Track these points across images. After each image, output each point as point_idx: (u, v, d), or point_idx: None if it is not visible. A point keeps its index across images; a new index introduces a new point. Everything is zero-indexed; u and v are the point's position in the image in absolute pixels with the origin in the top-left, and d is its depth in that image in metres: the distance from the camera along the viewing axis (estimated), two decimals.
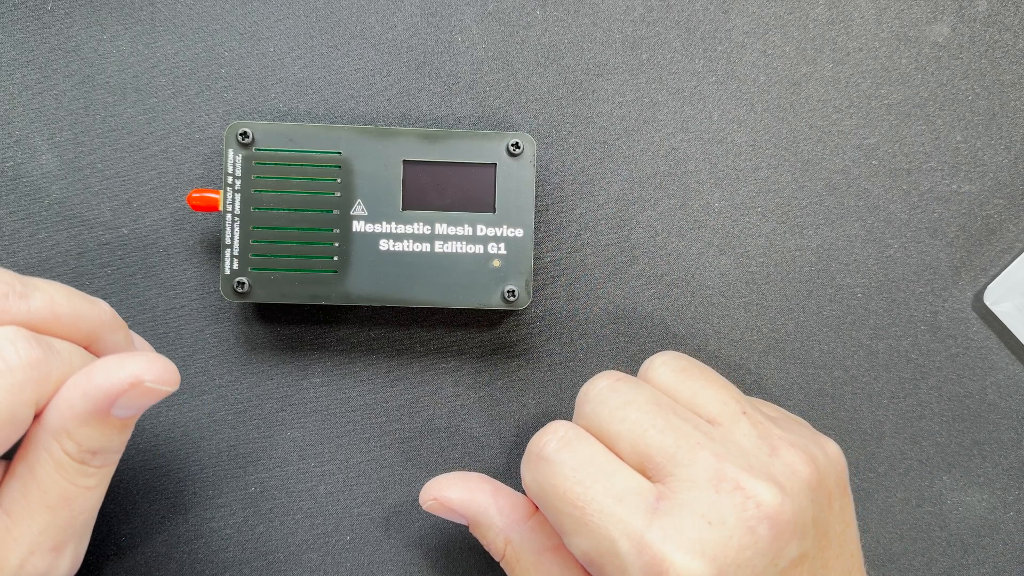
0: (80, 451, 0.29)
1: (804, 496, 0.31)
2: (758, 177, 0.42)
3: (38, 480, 0.29)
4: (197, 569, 0.41)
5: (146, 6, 0.41)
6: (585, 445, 0.32)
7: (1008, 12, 0.42)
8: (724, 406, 0.34)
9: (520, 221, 0.38)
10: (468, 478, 0.38)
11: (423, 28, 0.41)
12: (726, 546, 0.30)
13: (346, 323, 0.41)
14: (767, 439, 0.33)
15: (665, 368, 0.36)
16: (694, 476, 0.31)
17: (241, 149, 0.38)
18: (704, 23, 0.42)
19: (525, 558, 0.36)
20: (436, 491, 0.37)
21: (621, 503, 0.30)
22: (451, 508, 0.37)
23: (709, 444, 0.32)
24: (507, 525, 0.36)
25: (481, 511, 0.37)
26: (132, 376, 0.28)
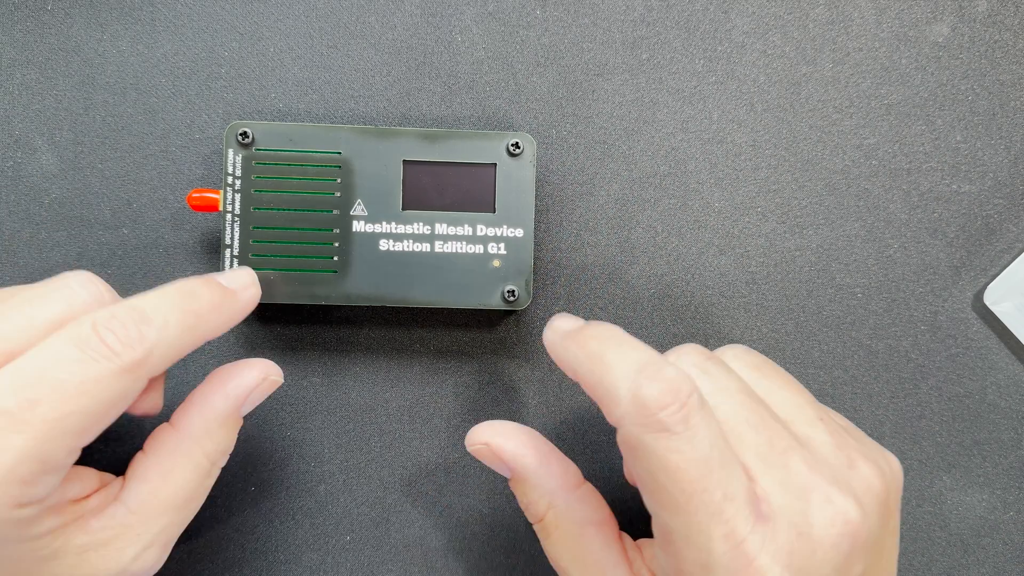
0: (217, 451, 0.34)
1: (876, 514, 0.31)
2: (758, 177, 0.42)
3: (173, 483, 0.33)
4: (197, 569, 0.41)
5: (146, 6, 0.41)
6: (708, 425, 0.29)
7: (1008, 12, 0.42)
8: (800, 410, 0.33)
9: (520, 221, 0.38)
10: (522, 431, 0.36)
11: (423, 28, 0.41)
12: (811, 559, 0.29)
13: (346, 323, 0.41)
14: (844, 450, 0.32)
15: (739, 362, 0.34)
16: (789, 482, 0.30)
17: (241, 149, 0.38)
18: (704, 23, 0.42)
19: (565, 528, 0.34)
20: (490, 436, 0.35)
21: (731, 502, 0.28)
22: (502, 457, 0.35)
23: (799, 449, 0.31)
24: (554, 489, 0.35)
25: (532, 468, 0.35)
26: (261, 374, 0.34)
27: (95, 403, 0.28)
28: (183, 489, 0.33)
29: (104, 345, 0.29)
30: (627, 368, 0.29)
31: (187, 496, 0.33)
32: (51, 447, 0.28)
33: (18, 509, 0.28)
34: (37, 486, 0.28)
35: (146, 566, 0.33)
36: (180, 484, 0.33)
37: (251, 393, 0.34)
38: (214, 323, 0.32)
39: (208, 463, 0.33)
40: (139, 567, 0.32)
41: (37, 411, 0.28)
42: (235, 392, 0.34)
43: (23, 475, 0.28)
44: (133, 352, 0.29)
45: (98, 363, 0.29)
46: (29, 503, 0.28)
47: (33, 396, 0.28)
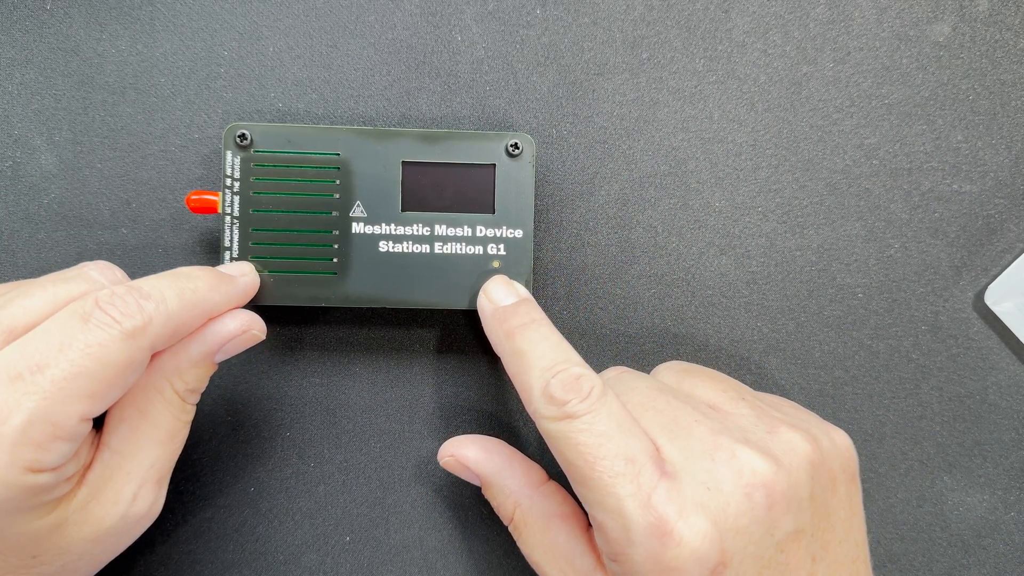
0: (186, 390, 0.34)
1: (801, 471, 0.32)
2: (759, 177, 0.41)
3: (149, 418, 0.34)
4: (197, 569, 0.41)
5: (145, 6, 0.41)
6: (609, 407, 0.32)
7: (1009, 11, 0.42)
8: (723, 393, 0.35)
9: (520, 221, 0.38)
10: (486, 440, 0.39)
11: (423, 28, 0.41)
12: (725, 510, 0.30)
13: (346, 324, 0.41)
14: (765, 420, 0.34)
15: (668, 370, 0.38)
16: (691, 447, 0.32)
17: (239, 151, 0.38)
18: (704, 22, 0.41)
19: (533, 523, 0.36)
20: (455, 448, 0.38)
21: (632, 463, 0.30)
22: (467, 466, 0.38)
23: (706, 421, 0.33)
24: (518, 489, 0.37)
25: (495, 472, 0.38)
26: (243, 326, 0.35)
27: (101, 366, 0.30)
28: (161, 424, 0.34)
29: (106, 315, 0.30)
30: (541, 368, 0.33)
31: (168, 431, 0.34)
32: (61, 409, 0.29)
33: (32, 475, 0.29)
34: (50, 451, 0.29)
35: (145, 506, 0.34)
36: (157, 419, 0.34)
37: (228, 343, 0.35)
38: (212, 300, 0.34)
39: (178, 399, 0.34)
40: (139, 508, 0.33)
41: (46, 373, 0.29)
42: (211, 339, 0.34)
43: (36, 438, 0.29)
44: (133, 320, 0.31)
45: (101, 329, 0.30)
46: (42, 469, 0.29)
47: (42, 360, 0.29)
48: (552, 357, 0.34)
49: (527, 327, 0.35)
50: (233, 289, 0.35)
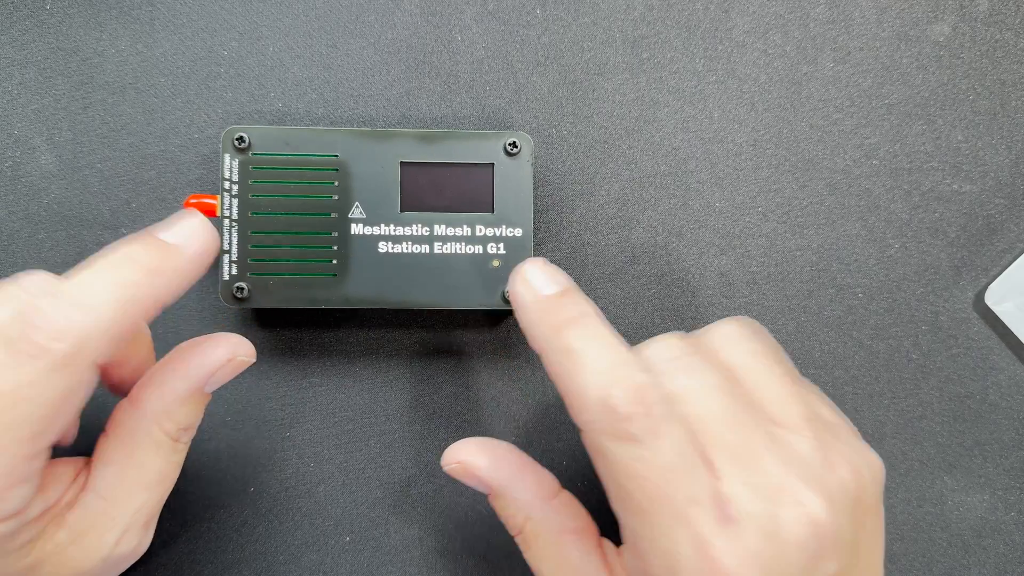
0: (177, 430, 0.32)
1: (847, 512, 0.30)
2: (759, 177, 0.41)
3: (137, 462, 0.32)
4: (197, 569, 0.41)
5: (145, 6, 0.41)
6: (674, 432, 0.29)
7: (1009, 11, 0.42)
8: (787, 408, 0.32)
9: (519, 221, 0.38)
10: (497, 447, 0.35)
11: (423, 28, 0.41)
12: (779, 560, 0.29)
13: (346, 325, 0.41)
14: (825, 450, 0.31)
15: (734, 345, 0.34)
16: (756, 482, 0.29)
17: (238, 154, 0.38)
18: (705, 22, 0.41)
19: (544, 538, 0.34)
20: (464, 455, 0.35)
21: (695, 506, 0.28)
22: (477, 475, 0.35)
23: (774, 447, 0.30)
24: (530, 502, 0.34)
25: (506, 483, 0.35)
26: (228, 353, 0.33)
27: (38, 407, 0.27)
28: (150, 468, 0.32)
29: (32, 343, 0.27)
30: (598, 370, 0.30)
31: (157, 475, 0.32)
32: (6, 459, 0.27)
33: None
34: (6, 501, 0.27)
35: (129, 548, 0.32)
36: (145, 463, 0.32)
37: (215, 374, 0.33)
38: (159, 290, 0.30)
39: (170, 441, 0.32)
40: (122, 551, 0.32)
41: None
42: (197, 373, 0.32)
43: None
44: (62, 345, 0.27)
45: (30, 364, 0.27)
46: (3, 518, 0.28)
47: None
48: (610, 359, 0.30)
49: (578, 322, 0.31)
50: (180, 263, 0.30)
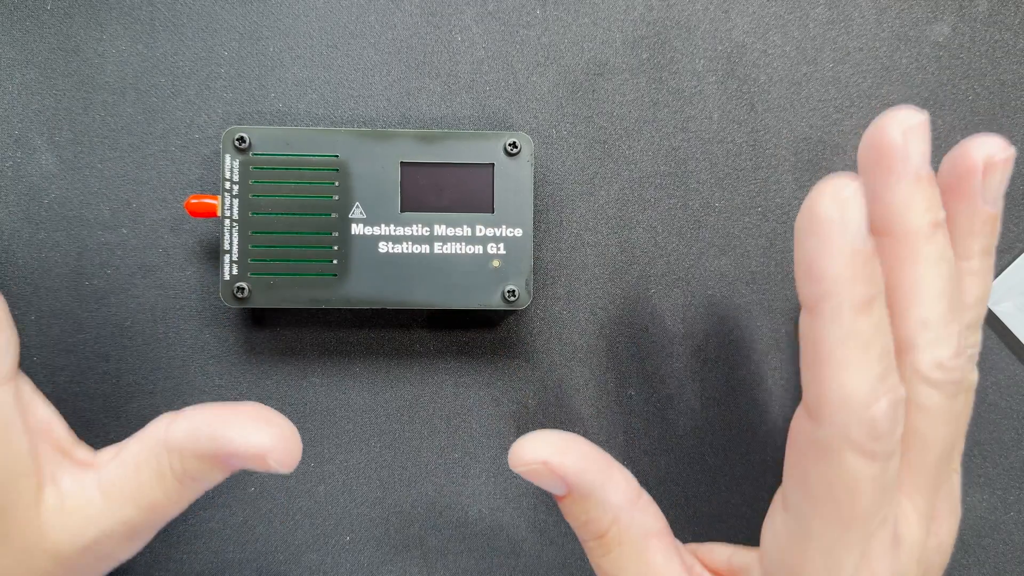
0: (184, 474, 0.31)
1: None
2: (758, 177, 0.41)
3: (138, 479, 0.31)
4: (197, 569, 0.41)
5: (146, 6, 0.41)
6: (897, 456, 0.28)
7: (1009, 12, 0.42)
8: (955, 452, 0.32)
9: (519, 221, 0.38)
10: (580, 442, 0.32)
11: (423, 28, 0.41)
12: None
13: (346, 325, 0.41)
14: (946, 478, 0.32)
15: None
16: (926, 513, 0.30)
17: (238, 154, 0.38)
18: (704, 23, 0.41)
19: (630, 542, 0.32)
20: (546, 454, 0.31)
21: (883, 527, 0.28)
22: (563, 476, 0.31)
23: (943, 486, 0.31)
24: (619, 504, 0.32)
25: (598, 484, 0.31)
26: (260, 451, 0.29)
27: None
28: (146, 493, 0.31)
29: None
30: (868, 378, 0.26)
31: (150, 500, 0.31)
32: None
33: None
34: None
35: (107, 551, 0.32)
36: (144, 486, 0.31)
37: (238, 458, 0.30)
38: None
39: (173, 478, 0.31)
40: (101, 551, 0.31)
41: None
42: (223, 448, 0.30)
43: None
44: None
45: None
46: None
47: None
48: (883, 367, 0.27)
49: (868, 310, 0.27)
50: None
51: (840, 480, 0.27)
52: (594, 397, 0.41)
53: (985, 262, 0.31)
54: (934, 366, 0.28)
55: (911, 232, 0.29)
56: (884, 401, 0.26)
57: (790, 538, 0.30)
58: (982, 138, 0.29)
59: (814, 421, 0.28)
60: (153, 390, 0.40)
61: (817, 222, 0.26)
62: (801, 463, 0.29)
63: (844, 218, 0.25)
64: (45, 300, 0.40)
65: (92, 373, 0.40)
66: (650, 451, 0.42)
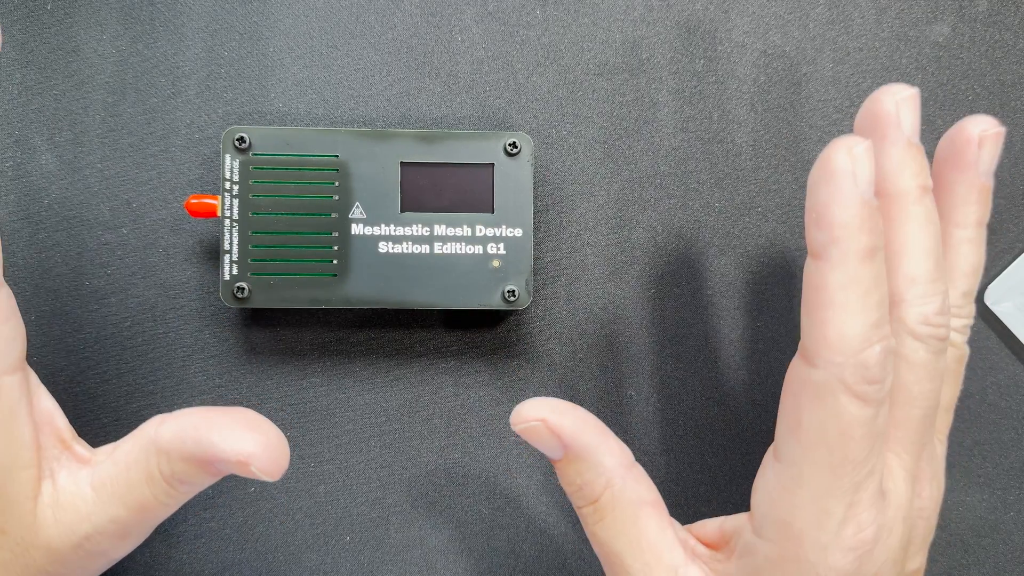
0: (172, 476, 0.31)
1: None
2: (758, 177, 0.41)
3: (129, 479, 0.31)
4: (197, 569, 0.41)
5: (146, 6, 0.41)
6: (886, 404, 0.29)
7: (1008, 12, 0.42)
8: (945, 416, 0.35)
9: (519, 221, 0.38)
10: (577, 408, 0.33)
11: (423, 28, 0.41)
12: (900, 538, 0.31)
13: (346, 325, 0.41)
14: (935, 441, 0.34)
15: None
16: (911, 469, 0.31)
17: (238, 154, 0.38)
18: (704, 23, 0.41)
19: (622, 508, 0.33)
20: (545, 412, 0.32)
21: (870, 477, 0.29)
22: (560, 434, 0.32)
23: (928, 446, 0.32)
24: (613, 468, 0.32)
25: (593, 446, 0.32)
26: (244, 457, 0.29)
27: None
28: (136, 493, 0.31)
29: None
30: (867, 321, 0.28)
31: (139, 501, 0.31)
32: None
33: None
34: None
35: (99, 549, 0.32)
36: (134, 486, 0.31)
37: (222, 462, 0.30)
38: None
39: (162, 480, 0.31)
40: (93, 548, 0.31)
41: None
42: (208, 452, 0.30)
43: None
44: None
45: None
46: None
47: None
48: (879, 315, 0.28)
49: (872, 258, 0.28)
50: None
51: (833, 423, 0.28)
52: (594, 397, 0.41)
53: (979, 232, 0.33)
54: (920, 320, 0.30)
55: (902, 193, 0.30)
56: (878, 347, 0.28)
57: (781, 489, 0.30)
58: (976, 116, 0.32)
59: (810, 364, 0.29)
60: (153, 390, 0.40)
61: (831, 172, 0.27)
62: (795, 409, 0.30)
63: (856, 170, 0.27)
64: (45, 300, 0.40)
65: (92, 373, 0.40)
66: (650, 451, 0.42)
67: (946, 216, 0.33)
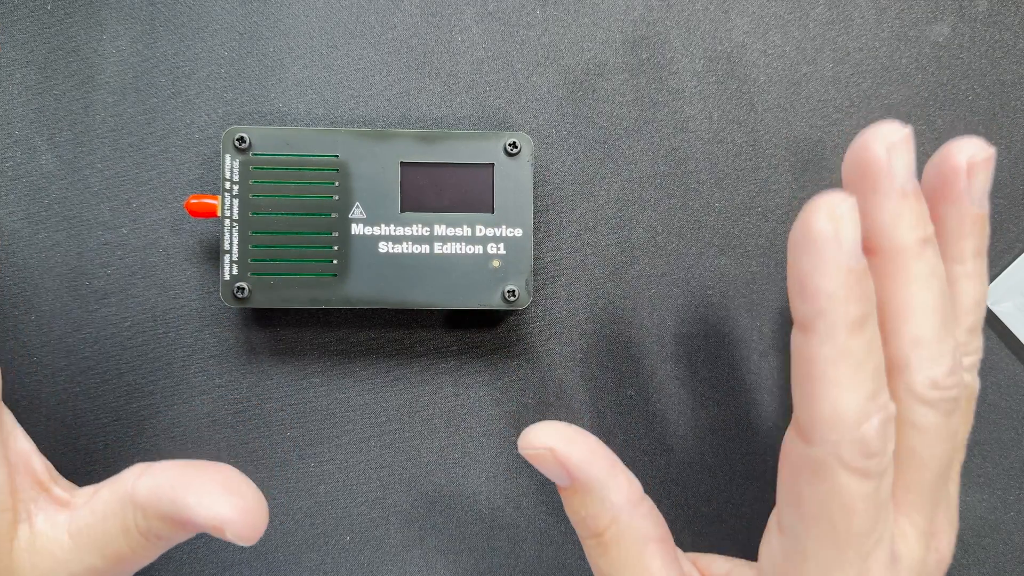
0: (148, 531, 0.30)
1: None
2: (758, 177, 0.41)
3: (105, 529, 0.30)
4: (197, 569, 0.41)
5: (146, 6, 0.41)
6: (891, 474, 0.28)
7: (1008, 12, 0.42)
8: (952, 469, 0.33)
9: (519, 221, 0.38)
10: (587, 437, 0.32)
11: (423, 28, 0.41)
12: None
13: (346, 325, 0.41)
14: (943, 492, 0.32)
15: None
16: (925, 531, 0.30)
17: (238, 154, 0.38)
18: (704, 23, 0.41)
19: (627, 545, 0.32)
20: (554, 441, 0.32)
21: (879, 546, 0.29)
22: (567, 466, 0.32)
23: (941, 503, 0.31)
24: (620, 503, 0.32)
25: (600, 480, 0.32)
26: (219, 522, 0.29)
27: None
28: (111, 543, 0.31)
29: None
30: (862, 394, 0.27)
31: (115, 552, 0.31)
32: None
33: None
34: None
35: None
36: (110, 536, 0.30)
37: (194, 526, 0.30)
38: None
39: (138, 534, 0.30)
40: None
41: None
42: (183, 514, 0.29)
43: None
44: None
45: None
46: None
47: None
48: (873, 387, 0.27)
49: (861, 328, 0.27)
50: None
51: (834, 499, 0.27)
52: (594, 397, 0.41)
53: (978, 264, 0.31)
54: (929, 385, 0.28)
55: (900, 249, 0.29)
56: (875, 420, 0.27)
57: (786, 560, 0.30)
58: (962, 140, 0.30)
59: (806, 441, 0.28)
60: (153, 390, 0.40)
61: (812, 239, 0.26)
62: (794, 483, 0.29)
63: (839, 235, 0.25)
64: (45, 300, 0.40)
65: (92, 373, 0.40)
66: (650, 451, 0.42)
67: (941, 251, 0.31)
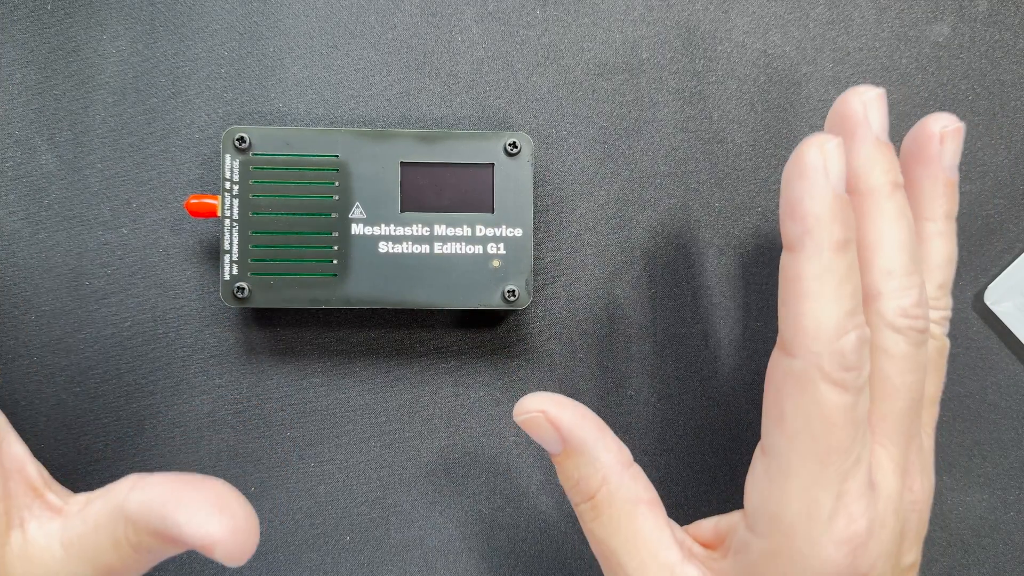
0: (139, 545, 0.30)
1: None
2: (758, 177, 0.41)
3: (96, 541, 0.30)
4: (197, 569, 0.41)
5: (146, 6, 0.41)
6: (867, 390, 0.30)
7: (1008, 12, 0.42)
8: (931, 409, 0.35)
9: (519, 221, 0.38)
10: (578, 405, 0.34)
11: (423, 28, 0.41)
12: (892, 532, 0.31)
13: (346, 325, 0.41)
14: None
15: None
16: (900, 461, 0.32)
17: (238, 154, 0.38)
18: (704, 23, 0.41)
19: (618, 505, 0.33)
20: (546, 405, 0.33)
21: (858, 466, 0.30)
22: (558, 427, 0.33)
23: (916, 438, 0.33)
24: (610, 464, 0.33)
25: (590, 442, 0.33)
26: (208, 541, 0.28)
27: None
28: (102, 555, 0.30)
29: None
30: (843, 310, 0.29)
31: (105, 564, 0.30)
32: None
33: None
34: None
35: None
36: (100, 549, 0.30)
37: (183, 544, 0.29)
38: None
39: (128, 547, 0.30)
40: None
41: None
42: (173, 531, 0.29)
43: None
44: None
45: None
46: None
47: None
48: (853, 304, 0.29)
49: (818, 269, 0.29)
50: None
51: (814, 411, 0.29)
52: (594, 397, 0.41)
53: (949, 225, 0.34)
54: (899, 313, 0.31)
55: (874, 189, 0.32)
56: (853, 335, 0.29)
57: (769, 482, 0.31)
58: (937, 114, 0.34)
59: (789, 354, 0.30)
60: (153, 390, 0.40)
61: (804, 167, 0.29)
62: (777, 400, 0.30)
63: (827, 165, 0.29)
64: (45, 300, 0.40)
65: (92, 373, 0.40)
66: (650, 451, 0.42)
67: (915, 211, 0.34)
